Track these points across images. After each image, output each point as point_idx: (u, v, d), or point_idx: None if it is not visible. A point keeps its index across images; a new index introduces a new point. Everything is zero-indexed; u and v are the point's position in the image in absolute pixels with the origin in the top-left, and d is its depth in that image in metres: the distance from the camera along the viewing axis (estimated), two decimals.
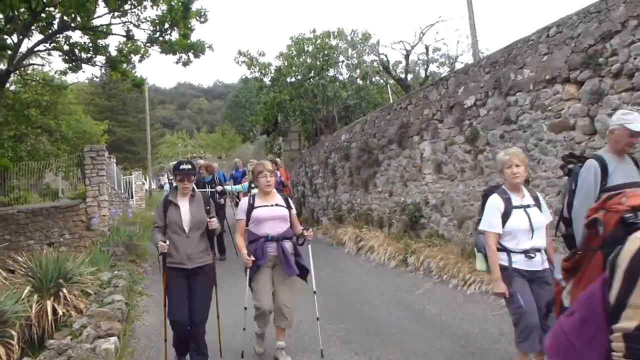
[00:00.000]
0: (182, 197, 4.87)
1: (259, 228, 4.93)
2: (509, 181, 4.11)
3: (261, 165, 5.08)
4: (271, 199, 5.05)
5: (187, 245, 4.73)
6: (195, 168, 5.02)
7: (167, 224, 4.80)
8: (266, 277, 4.98)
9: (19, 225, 13.52)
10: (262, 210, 4.96)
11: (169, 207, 4.83)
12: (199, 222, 4.82)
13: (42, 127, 22.86)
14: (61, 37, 11.37)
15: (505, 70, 7.10)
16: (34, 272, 6.82)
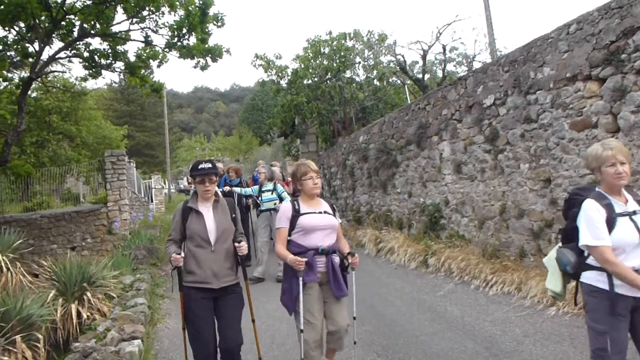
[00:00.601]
0: (204, 202, 4.20)
1: (307, 239, 4.17)
2: (611, 182, 3.19)
3: (305, 165, 4.35)
4: (318, 204, 4.36)
5: (214, 261, 4.05)
6: (216, 167, 4.34)
7: (188, 235, 4.12)
8: (318, 296, 4.19)
9: (42, 230, 13.71)
10: (310, 218, 4.21)
11: (190, 216, 4.13)
12: (226, 233, 4.17)
13: (63, 133, 23.23)
14: (81, 44, 11.51)
15: (525, 68, 7.04)
16: (58, 276, 6.92)
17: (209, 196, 4.19)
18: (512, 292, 6.56)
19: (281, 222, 4.28)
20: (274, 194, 9.07)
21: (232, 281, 4.19)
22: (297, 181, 4.39)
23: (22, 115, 10.67)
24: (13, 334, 5.60)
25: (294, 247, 4.17)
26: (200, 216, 4.13)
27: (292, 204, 4.31)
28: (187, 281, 4.09)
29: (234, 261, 4.23)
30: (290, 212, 4.25)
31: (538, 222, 6.93)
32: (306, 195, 4.35)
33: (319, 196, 4.44)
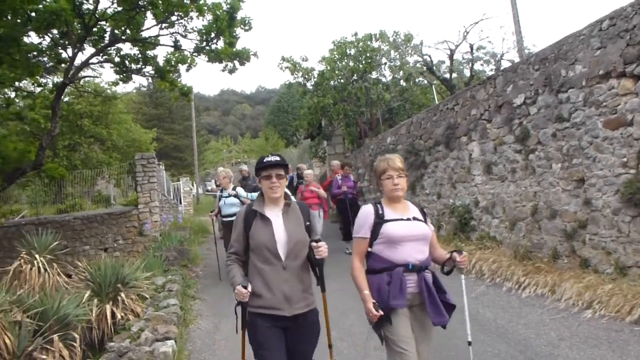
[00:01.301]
0: (273, 206, 3.43)
1: (394, 252, 3.39)
2: None
3: (384, 161, 3.57)
4: (405, 209, 3.56)
5: (285, 281, 3.25)
6: (285, 161, 3.58)
7: (252, 247, 3.33)
8: (407, 323, 3.40)
9: (75, 232, 14.01)
10: (398, 226, 3.42)
11: (254, 222, 3.37)
12: (300, 245, 3.34)
13: (94, 136, 23.75)
14: (112, 50, 11.74)
15: (556, 66, 6.95)
16: (93, 277, 7.06)
17: (277, 196, 3.39)
18: (545, 295, 6.46)
19: (361, 230, 3.52)
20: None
21: (307, 307, 3.35)
22: (377, 179, 3.70)
23: (55, 120, 10.90)
24: (50, 333, 5.75)
25: (377, 262, 3.43)
26: (268, 223, 3.34)
27: (374, 208, 3.54)
28: (252, 306, 3.23)
29: (309, 281, 3.45)
30: (372, 217, 3.50)
31: (571, 223, 6.83)
32: (387, 197, 3.60)
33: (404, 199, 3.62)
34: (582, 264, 6.61)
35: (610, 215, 6.16)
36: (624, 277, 5.89)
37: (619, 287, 5.65)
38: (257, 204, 3.46)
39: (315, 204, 10.53)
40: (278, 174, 3.40)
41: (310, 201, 10.43)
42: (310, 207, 9.94)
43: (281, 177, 3.41)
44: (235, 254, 3.43)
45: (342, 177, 11.51)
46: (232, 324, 6.66)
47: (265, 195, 3.45)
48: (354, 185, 11.66)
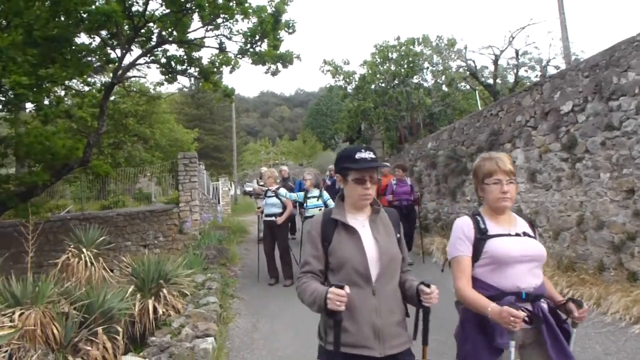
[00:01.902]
0: (357, 213, 2.75)
1: (502, 276, 2.71)
2: None
3: (493, 161, 2.83)
4: (510, 222, 2.85)
5: (375, 311, 2.58)
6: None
7: (333, 265, 2.66)
8: None
9: (117, 228, 14.33)
10: (506, 244, 2.73)
11: (336, 233, 2.69)
12: (394, 264, 2.69)
13: (138, 135, 24.31)
14: (159, 51, 11.97)
15: (607, 73, 6.78)
16: (137, 272, 7.22)
17: (365, 203, 2.73)
18: (591, 307, 6.29)
19: (460, 246, 2.82)
20: (320, 201, 8.99)
21: (403, 345, 2.69)
22: (478, 184, 2.91)
23: (103, 118, 11.19)
24: (95, 326, 5.88)
25: (479, 289, 2.74)
26: (354, 235, 2.66)
27: (473, 220, 2.84)
28: (332, 343, 2.52)
29: (404, 312, 2.76)
30: (472, 231, 2.81)
31: (619, 235, 6.64)
32: (490, 207, 2.86)
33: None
34: (630, 277, 6.42)
35: None
36: None
37: None
38: (337, 211, 2.76)
39: None
40: (371, 177, 2.68)
41: None
42: None
43: (374, 181, 2.70)
44: (310, 273, 2.67)
45: (398, 181, 10.48)
46: (270, 324, 6.78)
47: (352, 201, 2.75)
48: (410, 191, 10.50)
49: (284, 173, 12.62)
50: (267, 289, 8.93)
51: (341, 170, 2.77)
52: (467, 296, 2.73)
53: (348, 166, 2.70)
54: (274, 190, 9.27)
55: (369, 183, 2.67)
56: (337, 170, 2.85)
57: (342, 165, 2.76)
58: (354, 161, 2.66)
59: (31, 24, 8.97)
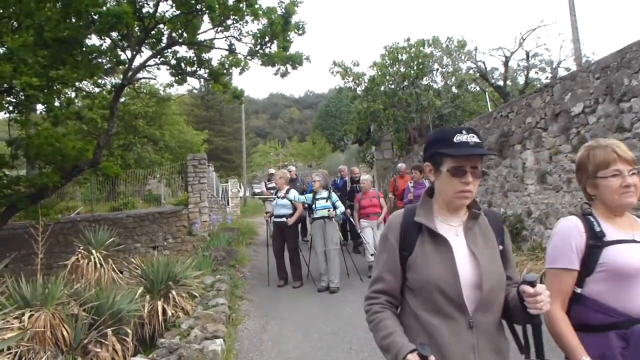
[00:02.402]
0: (449, 217, 2.09)
1: (627, 295, 2.07)
2: None
3: (609, 149, 2.23)
4: (633, 227, 2.23)
5: (472, 350, 1.94)
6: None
7: (412, 286, 2.04)
8: None
9: (127, 229, 14.40)
10: (630, 252, 2.10)
11: (418, 243, 2.04)
12: (498, 289, 2.00)
13: (147, 137, 24.41)
14: (169, 52, 12.04)
15: (618, 75, 6.72)
16: (146, 274, 7.24)
17: (463, 202, 2.04)
18: None
19: (561, 256, 2.19)
20: (328, 202, 8.94)
21: None
22: (587, 179, 2.29)
23: (113, 120, 11.26)
24: (105, 327, 5.92)
25: (594, 312, 2.10)
26: (445, 247, 1.99)
27: (583, 222, 2.20)
28: None
29: (508, 350, 2.06)
30: (583, 236, 2.18)
31: None
32: (606, 207, 2.23)
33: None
34: None
35: None
36: None
37: None
38: (423, 212, 2.08)
39: (373, 214, 9.59)
40: (474, 167, 1.98)
41: (368, 210, 9.61)
42: (367, 216, 9.24)
43: (477, 174, 1.99)
44: (384, 294, 2.06)
45: (415, 184, 9.95)
46: (279, 326, 6.77)
47: (442, 199, 2.07)
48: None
49: (292, 174, 12.56)
50: (276, 290, 8.93)
51: (432, 157, 2.07)
52: (559, 331, 2.10)
53: (442, 151, 1.99)
54: (284, 193, 9.26)
55: (470, 176, 1.96)
56: (426, 157, 2.12)
57: (433, 151, 2.05)
58: (450, 145, 1.97)
59: (42, 25, 9.04)
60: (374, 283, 2.11)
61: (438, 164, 2.04)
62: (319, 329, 6.54)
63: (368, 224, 9.49)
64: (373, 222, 9.48)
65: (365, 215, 9.57)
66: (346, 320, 6.84)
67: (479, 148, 1.99)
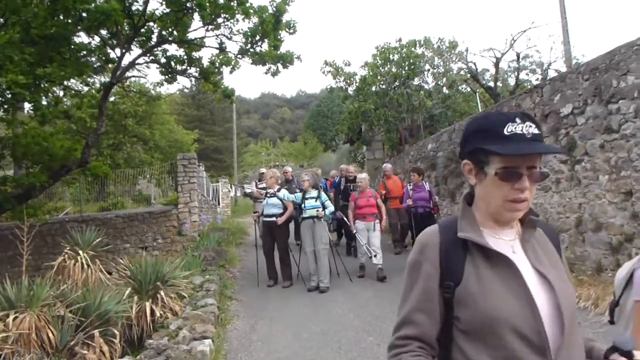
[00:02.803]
0: (502, 229, 1.57)
1: None
2: None
3: None
4: None
5: None
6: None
7: (469, 326, 1.47)
8: None
9: (116, 230, 14.31)
10: None
11: (468, 265, 1.51)
12: (575, 318, 1.53)
13: (137, 136, 24.29)
14: (159, 50, 11.95)
15: (607, 77, 6.74)
16: (134, 274, 7.18)
17: (516, 216, 1.55)
18: (588, 308, 6.27)
19: None
20: (318, 202, 8.88)
21: None
22: None
23: (102, 119, 11.17)
24: (92, 329, 5.85)
25: None
26: (509, 268, 1.49)
27: None
28: None
29: None
30: None
31: (617, 236, 6.60)
32: None
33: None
34: None
35: None
36: None
37: None
38: (466, 225, 1.58)
39: (370, 215, 9.26)
40: (534, 168, 1.49)
41: (364, 210, 9.30)
42: (363, 217, 8.95)
43: (536, 177, 1.50)
44: (416, 340, 1.54)
45: (414, 187, 9.85)
46: (268, 326, 6.75)
47: (488, 208, 1.57)
48: (428, 197, 9.78)
49: (288, 175, 12.44)
50: (265, 290, 8.89)
51: (473, 154, 1.54)
52: None
53: (488, 148, 1.46)
54: (274, 192, 9.21)
55: (526, 180, 1.46)
56: (464, 153, 1.60)
57: (475, 145, 1.52)
58: (499, 139, 1.45)
59: (29, 21, 8.94)
60: (400, 327, 1.57)
61: (481, 163, 1.52)
62: (309, 329, 6.51)
63: (364, 225, 9.20)
64: (369, 224, 9.17)
65: (362, 216, 9.26)
66: (336, 320, 6.82)
67: (539, 143, 1.48)
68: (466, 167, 1.60)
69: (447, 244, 1.55)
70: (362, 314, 7.00)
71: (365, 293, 8.16)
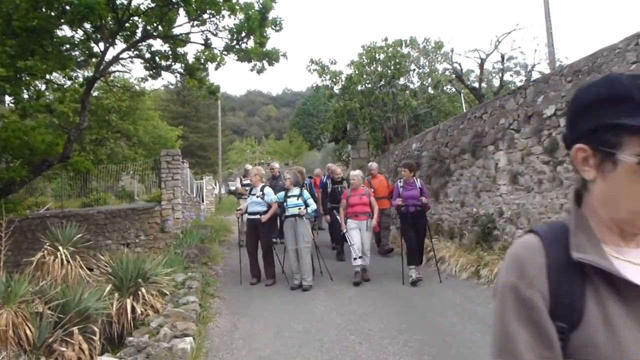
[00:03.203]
0: (628, 246, 1.08)
1: None
2: None
3: None
4: None
5: None
6: None
7: None
8: None
9: (98, 226, 14.16)
10: None
11: (590, 299, 1.02)
12: None
13: (121, 132, 24.05)
14: (143, 45, 11.82)
15: (589, 79, 6.80)
16: (115, 271, 7.12)
17: None
18: None
19: None
20: (300, 200, 8.83)
21: None
22: None
23: (84, 114, 11.03)
24: (71, 326, 5.78)
25: None
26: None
27: None
28: None
29: None
30: None
31: None
32: None
33: None
34: None
35: None
36: None
37: None
38: (585, 241, 1.09)
39: (362, 214, 9.01)
40: None
41: (357, 209, 9.01)
42: (356, 216, 8.72)
43: None
44: None
45: (405, 184, 9.10)
46: (250, 324, 6.72)
47: (617, 215, 1.08)
48: (418, 195, 8.95)
49: (274, 171, 12.29)
50: (248, 288, 8.85)
51: (593, 135, 1.08)
52: None
53: (626, 123, 1.02)
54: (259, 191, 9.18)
55: None
56: (575, 134, 1.13)
57: (600, 121, 1.06)
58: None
59: (10, 13, 8.81)
60: None
61: (610, 147, 1.05)
62: (291, 327, 6.49)
63: (356, 224, 8.95)
64: (362, 223, 8.96)
65: (354, 215, 8.98)
66: (318, 319, 6.81)
67: None
68: (579, 155, 1.11)
69: (557, 266, 1.08)
70: (345, 312, 7.01)
71: (348, 292, 8.19)
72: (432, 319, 6.66)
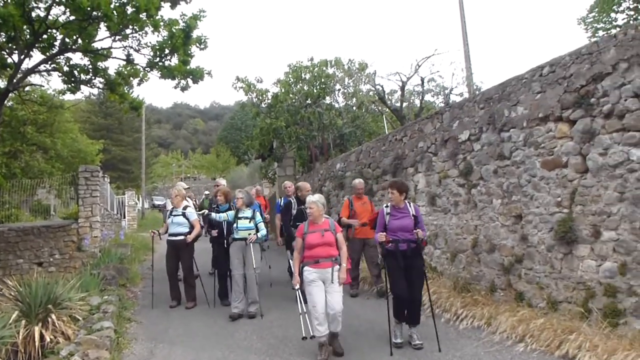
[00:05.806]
0: None
1: None
2: None
3: None
4: None
5: None
6: None
7: None
8: None
9: (8, 244, 13.38)
10: None
11: None
12: None
13: (37, 145, 22.90)
14: (62, 58, 11.44)
15: (500, 106, 7.20)
16: (22, 296, 6.74)
17: None
18: (482, 327, 6.60)
19: None
20: (252, 223, 8.20)
21: None
22: None
23: None
24: None
25: None
26: None
27: None
28: None
29: None
30: None
31: (509, 257, 7.04)
32: None
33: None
34: (517, 298, 6.81)
35: (544, 251, 6.39)
36: (555, 312, 6.12)
37: (550, 322, 5.85)
38: None
39: (326, 258, 5.96)
40: None
41: (317, 251, 5.97)
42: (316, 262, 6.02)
43: None
44: None
45: (392, 210, 6.49)
46: (168, 350, 6.56)
47: None
48: (412, 226, 6.26)
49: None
50: (167, 312, 8.60)
51: None
52: None
53: None
54: (180, 210, 8.95)
55: None
56: None
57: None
58: None
59: None
60: None
61: None
62: (210, 353, 6.38)
63: (316, 274, 5.88)
64: (325, 272, 5.89)
65: (312, 260, 5.95)
66: (239, 344, 6.72)
67: None
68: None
69: None
70: (266, 336, 6.93)
71: (270, 315, 8.01)
72: (344, 339, 6.68)
